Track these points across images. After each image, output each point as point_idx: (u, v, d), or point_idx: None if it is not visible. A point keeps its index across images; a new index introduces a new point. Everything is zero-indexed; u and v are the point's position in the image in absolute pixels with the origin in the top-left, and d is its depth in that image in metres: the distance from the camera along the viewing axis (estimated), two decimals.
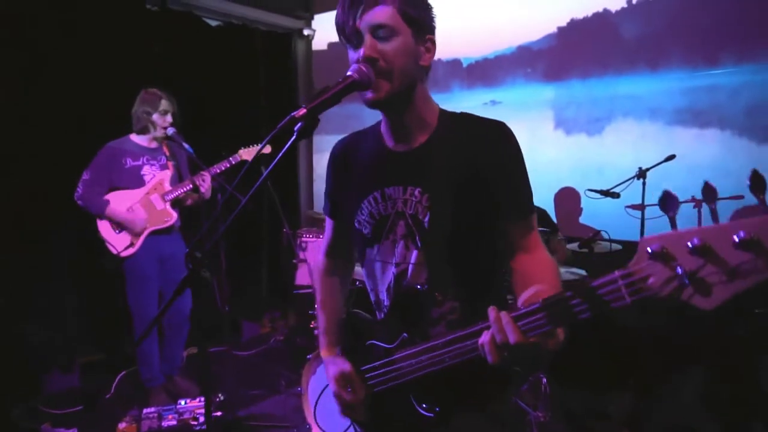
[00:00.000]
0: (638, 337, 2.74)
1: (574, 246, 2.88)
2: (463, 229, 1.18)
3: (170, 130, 3.13)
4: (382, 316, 1.33)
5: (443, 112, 1.25)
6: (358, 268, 1.47)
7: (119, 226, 3.15)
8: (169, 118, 3.16)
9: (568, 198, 3.76)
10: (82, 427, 2.97)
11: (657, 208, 3.11)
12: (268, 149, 3.44)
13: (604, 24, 3.63)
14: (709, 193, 1.67)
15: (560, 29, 3.81)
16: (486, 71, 4.22)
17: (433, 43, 1.19)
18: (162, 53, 4.07)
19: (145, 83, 3.29)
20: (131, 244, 3.15)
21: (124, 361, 3.77)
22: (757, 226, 0.68)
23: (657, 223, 3.24)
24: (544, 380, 2.65)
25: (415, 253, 1.22)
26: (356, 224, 1.30)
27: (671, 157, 2.86)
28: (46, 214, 3.52)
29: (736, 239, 0.69)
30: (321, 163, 5.44)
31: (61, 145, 3.51)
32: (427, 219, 1.18)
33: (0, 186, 3.39)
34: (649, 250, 0.76)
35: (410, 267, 1.23)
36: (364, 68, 1.08)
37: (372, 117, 1.31)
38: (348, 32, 1.13)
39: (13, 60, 3.40)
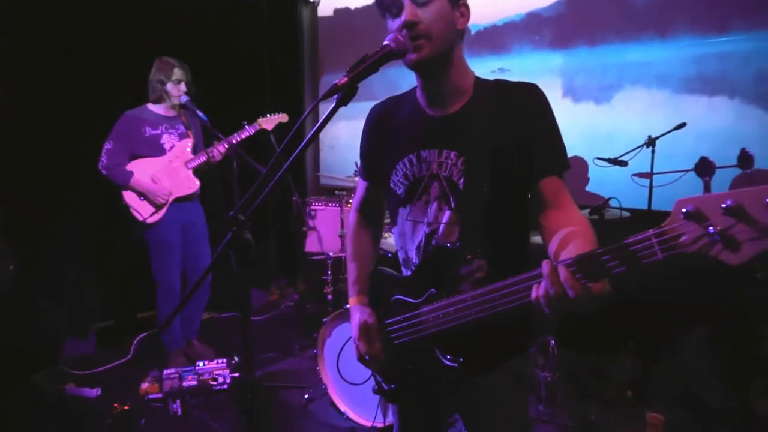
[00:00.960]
0: (642, 301, 2.82)
1: (585, 213, 2.93)
2: (495, 192, 1.23)
3: (184, 98, 3.15)
4: (410, 273, 1.39)
5: (479, 79, 1.30)
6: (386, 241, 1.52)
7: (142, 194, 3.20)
8: (183, 86, 3.18)
9: (575, 166, 3.80)
10: (106, 387, 3.08)
11: (665, 176, 3.19)
12: (285, 118, 3.47)
13: None
14: (704, 167, 1.73)
15: None
16: (494, 38, 4.20)
17: (467, 7, 1.24)
18: (166, 22, 4.04)
19: (153, 53, 3.29)
20: (156, 211, 3.20)
21: (137, 326, 3.88)
22: None
23: (665, 191, 3.30)
24: (552, 342, 2.74)
25: (447, 213, 1.27)
26: (391, 184, 1.36)
27: (681, 125, 2.89)
28: (62, 184, 3.57)
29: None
30: (326, 131, 5.44)
31: (76, 116, 3.53)
32: (462, 181, 1.24)
33: (17, 157, 3.43)
34: (684, 210, 0.81)
35: (441, 226, 1.29)
36: (400, 37, 1.12)
37: (383, 85, 1.35)
38: (387, 1, 1.18)
39: (32, 32, 3.39)
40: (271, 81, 5.04)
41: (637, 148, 3.03)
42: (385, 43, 1.12)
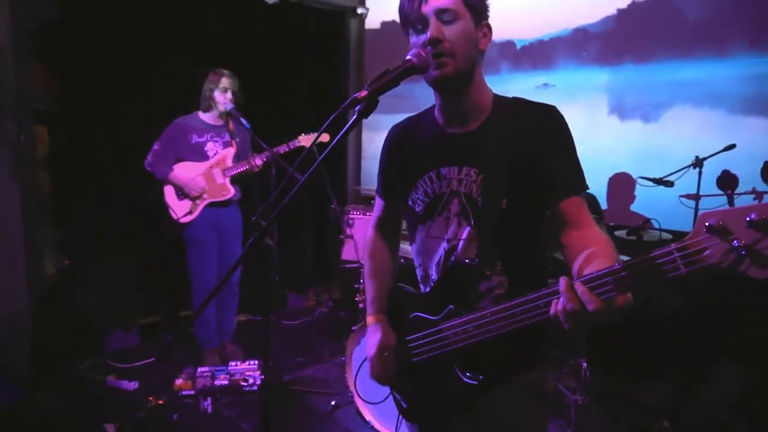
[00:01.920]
0: (681, 329, 2.71)
1: (622, 233, 2.85)
2: (514, 209, 1.23)
3: (229, 106, 3.27)
4: (428, 289, 1.39)
5: (497, 97, 1.31)
6: (404, 246, 1.54)
7: (180, 190, 3.35)
8: (229, 95, 3.31)
9: (621, 184, 3.69)
10: (143, 381, 3.20)
11: (712, 199, 3.07)
12: (326, 137, 3.53)
13: (666, 6, 3.50)
14: (726, 180, 1.70)
15: (620, 11, 3.70)
16: (540, 53, 4.15)
17: (489, 28, 1.26)
18: (221, 32, 4.21)
19: (204, 63, 3.45)
20: (190, 212, 3.34)
21: (178, 323, 4.02)
22: None
23: None
24: (584, 364, 2.66)
25: (467, 229, 1.28)
26: (410, 202, 1.37)
27: (731, 147, 2.77)
28: (109, 184, 3.76)
29: None
30: (370, 141, 5.51)
31: (129, 121, 3.72)
32: (481, 198, 1.25)
33: (68, 157, 3.65)
34: (707, 224, 0.81)
35: (461, 243, 1.29)
36: (423, 53, 1.13)
37: (423, 95, 1.36)
38: (413, 17, 1.20)
39: (76, 43, 3.60)
40: (316, 91, 5.15)
41: (684, 168, 2.93)
42: (407, 57, 1.14)
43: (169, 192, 3.39)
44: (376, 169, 1.50)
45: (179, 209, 3.37)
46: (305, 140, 3.44)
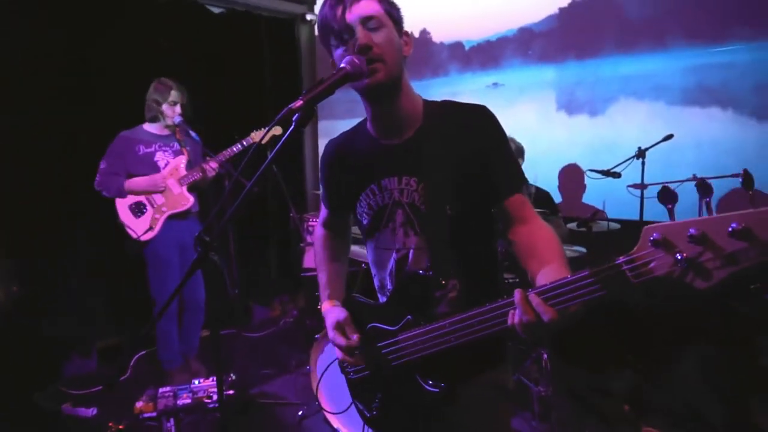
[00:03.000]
0: (641, 314, 2.79)
1: (573, 225, 2.93)
2: (458, 213, 1.24)
3: (177, 119, 3.20)
4: (385, 300, 1.40)
5: (427, 102, 1.32)
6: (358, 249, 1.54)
7: (137, 206, 3.23)
8: (177, 108, 3.23)
9: (571, 176, 3.79)
10: (102, 406, 3.10)
11: (657, 187, 3.19)
12: (278, 130, 3.50)
13: (606, 3, 3.62)
14: (704, 189, 1.78)
15: (561, 10, 3.81)
16: (488, 53, 4.23)
17: (409, 36, 1.27)
18: (168, 44, 4.13)
19: (152, 73, 3.36)
20: (150, 228, 3.23)
21: (140, 344, 3.91)
22: (749, 218, 0.77)
23: (656, 202, 3.29)
24: (545, 356, 2.72)
25: (414, 238, 1.29)
26: (358, 215, 1.38)
27: (669, 137, 2.89)
28: (65, 203, 3.64)
29: (730, 229, 0.77)
30: (324, 147, 5.49)
31: (76, 137, 3.60)
32: (424, 206, 1.26)
33: (19, 177, 3.51)
34: (651, 238, 0.84)
35: (411, 252, 1.30)
36: (356, 60, 1.14)
37: None
38: (338, 27, 1.19)
39: (20, 58, 3.47)
40: (269, 99, 5.10)
41: (628, 159, 3.03)
42: (341, 65, 1.14)
43: (123, 211, 3.24)
44: None
45: (138, 227, 3.24)
46: (258, 136, 3.41)
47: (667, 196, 2.37)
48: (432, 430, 1.35)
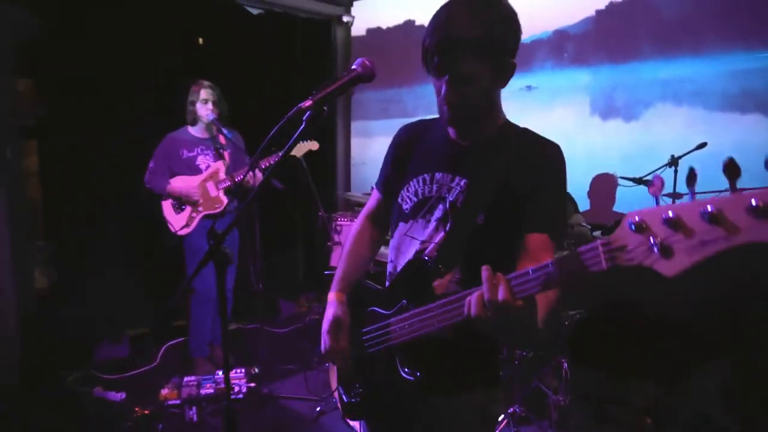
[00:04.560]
0: (663, 326, 2.72)
1: (598, 233, 2.87)
2: (490, 226, 1.25)
3: (210, 116, 3.29)
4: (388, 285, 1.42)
5: (508, 123, 1.34)
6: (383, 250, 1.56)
7: (179, 202, 3.40)
8: (209, 105, 3.33)
9: (603, 185, 3.71)
10: (130, 392, 3.22)
11: (692, 196, 3.09)
12: (315, 146, 3.56)
13: (644, 6, 3.53)
14: (690, 178, 1.76)
15: (598, 12, 3.74)
16: (522, 56, 4.14)
17: (514, 65, 1.23)
18: (206, 44, 4.25)
19: (191, 74, 3.49)
20: (187, 225, 3.39)
21: (171, 333, 4.04)
22: (722, 202, 0.76)
23: None
24: (566, 364, 2.68)
25: (441, 234, 1.30)
26: (399, 199, 1.40)
27: (702, 145, 2.79)
28: (104, 192, 3.80)
29: (703, 212, 0.77)
30: (360, 148, 5.54)
31: (114, 134, 3.75)
32: (461, 206, 1.28)
33: (62, 166, 3.69)
34: (629, 222, 0.85)
35: (431, 246, 1.32)
36: (367, 63, 1.16)
37: (411, 100, 1.39)
38: (432, 65, 1.19)
39: (65, 57, 3.64)
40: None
41: (661, 167, 2.95)
42: (352, 67, 1.16)
43: (166, 207, 3.44)
44: (365, 175, 1.53)
45: (176, 222, 3.42)
46: (295, 149, 3.46)
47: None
48: (403, 423, 1.36)
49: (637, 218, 0.83)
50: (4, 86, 3.34)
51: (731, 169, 1.00)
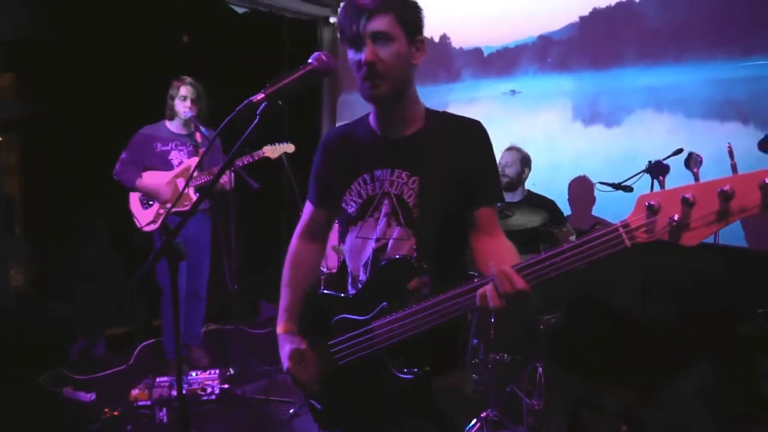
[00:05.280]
0: (640, 331, 2.71)
1: (572, 238, 2.86)
2: (443, 211, 1.30)
3: (187, 114, 3.26)
4: (354, 291, 1.40)
5: (429, 110, 1.38)
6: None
7: (146, 198, 3.35)
8: (188, 103, 3.30)
9: (580, 188, 3.71)
10: (101, 392, 3.16)
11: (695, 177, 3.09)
12: (291, 148, 3.52)
13: (627, 13, 3.54)
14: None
15: (582, 18, 3.75)
16: (506, 60, 4.18)
17: (423, 42, 1.30)
18: (190, 42, 4.22)
19: (175, 71, 3.46)
20: (153, 221, 3.33)
21: (151, 333, 3.98)
22: (734, 181, 0.88)
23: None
24: (540, 369, 2.66)
25: (397, 229, 1.32)
26: (343, 204, 1.40)
27: (679, 151, 2.79)
28: (83, 192, 3.73)
29: (720, 191, 0.88)
30: None
31: (97, 130, 3.70)
32: (412, 199, 1.30)
33: (36, 166, 3.63)
34: (647, 204, 0.94)
35: (390, 242, 1.33)
36: (324, 57, 1.14)
37: None
38: (350, 37, 1.24)
39: (49, 52, 3.60)
40: (290, 100, 5.15)
41: (638, 173, 2.95)
42: (309, 61, 1.15)
43: (134, 200, 3.39)
44: None
45: (143, 218, 3.37)
46: (270, 151, 3.43)
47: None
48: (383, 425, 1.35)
49: (654, 200, 0.93)
50: None
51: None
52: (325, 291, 1.48)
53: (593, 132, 3.76)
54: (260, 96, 1.08)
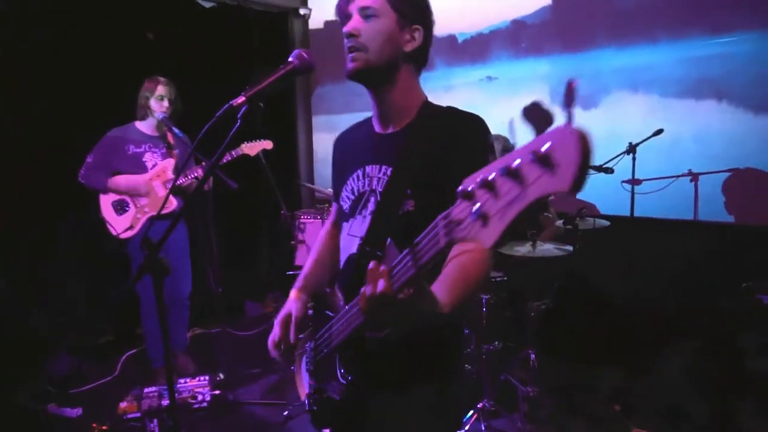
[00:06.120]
0: (628, 312, 2.74)
1: (559, 223, 2.87)
2: (419, 210, 1.21)
3: (160, 115, 3.16)
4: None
5: (427, 103, 1.32)
6: None
7: (120, 203, 3.23)
8: (165, 103, 3.20)
9: None
10: (87, 406, 3.08)
11: (650, 183, 3.12)
12: (269, 145, 3.45)
13: None
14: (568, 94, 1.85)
15: (555, 2, 3.73)
16: (481, 46, 4.15)
17: (420, 32, 1.25)
18: (156, 39, 4.09)
19: (142, 69, 3.33)
20: (131, 227, 3.22)
21: (133, 341, 3.89)
22: (519, 152, 0.66)
23: (649, 198, 3.22)
24: (533, 355, 2.67)
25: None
26: (341, 200, 1.39)
27: (659, 132, 2.82)
28: (53, 198, 3.60)
29: (502, 167, 0.67)
30: (323, 143, 5.44)
31: (65, 132, 3.56)
32: (384, 192, 1.26)
33: (8, 171, 3.49)
34: (459, 190, 0.75)
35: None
36: (304, 54, 1.10)
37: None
38: (342, 14, 1.25)
39: (16, 50, 3.46)
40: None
41: (619, 155, 2.97)
42: (289, 59, 1.10)
43: (105, 206, 3.24)
44: (328, 170, 1.50)
45: (118, 225, 3.24)
46: (248, 148, 3.35)
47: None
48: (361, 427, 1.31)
49: (465, 185, 0.74)
50: None
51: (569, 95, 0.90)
52: (326, 289, 1.45)
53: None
54: (241, 99, 1.03)
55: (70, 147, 3.43)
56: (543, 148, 0.61)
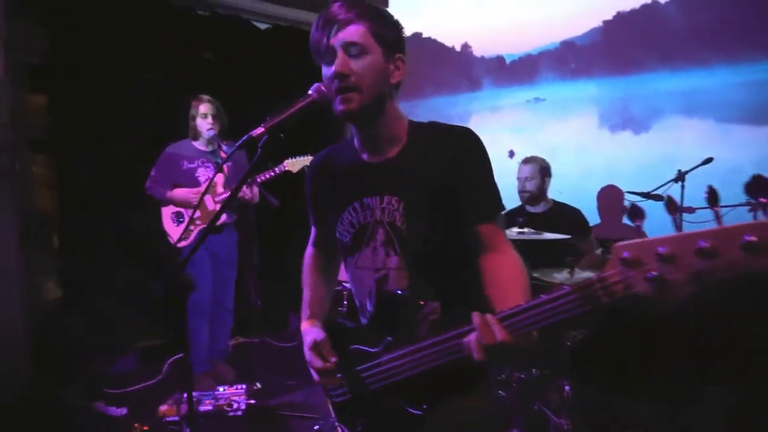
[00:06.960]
0: (669, 346, 2.61)
1: (600, 251, 2.79)
2: (437, 234, 1.24)
3: (210, 132, 3.31)
4: (366, 321, 1.38)
5: (412, 124, 1.31)
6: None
7: (177, 215, 3.41)
8: (209, 120, 3.35)
9: (609, 197, 3.62)
10: (132, 407, 3.23)
11: (704, 212, 2.98)
12: (308, 161, 3.55)
13: (651, 17, 3.45)
14: (670, 205, 1.75)
15: (606, 23, 3.66)
16: (529, 68, 4.12)
17: (403, 61, 1.24)
18: (213, 59, 4.30)
19: (198, 89, 3.52)
20: (185, 237, 3.38)
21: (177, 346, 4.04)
22: (716, 235, 0.76)
23: (700, 227, 3.07)
24: (567, 387, 2.59)
25: (395, 258, 1.28)
26: (337, 234, 1.37)
27: (708, 160, 2.70)
28: (113, 206, 3.84)
29: (698, 248, 0.77)
30: None
31: (125, 146, 3.81)
32: (404, 226, 1.25)
33: (71, 179, 3.75)
34: (621, 257, 0.84)
35: (391, 272, 1.29)
36: (323, 88, 1.13)
37: (423, 115, 1.37)
38: (322, 50, 1.19)
39: (75, 74, 3.72)
40: (315, 115, 5.19)
41: (667, 182, 2.86)
42: (308, 92, 1.14)
43: (166, 218, 3.44)
44: None
45: (175, 234, 3.41)
46: (291, 164, 3.45)
47: (635, 212, 2.30)
48: None
49: (628, 253, 0.84)
50: (15, 103, 3.41)
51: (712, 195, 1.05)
52: (339, 319, 1.47)
53: (622, 138, 3.67)
54: (260, 130, 1.08)
55: (131, 159, 3.67)
56: (749, 238, 0.75)
